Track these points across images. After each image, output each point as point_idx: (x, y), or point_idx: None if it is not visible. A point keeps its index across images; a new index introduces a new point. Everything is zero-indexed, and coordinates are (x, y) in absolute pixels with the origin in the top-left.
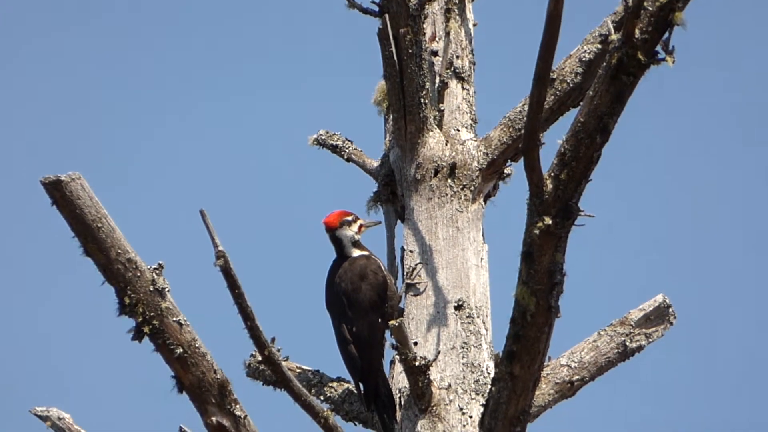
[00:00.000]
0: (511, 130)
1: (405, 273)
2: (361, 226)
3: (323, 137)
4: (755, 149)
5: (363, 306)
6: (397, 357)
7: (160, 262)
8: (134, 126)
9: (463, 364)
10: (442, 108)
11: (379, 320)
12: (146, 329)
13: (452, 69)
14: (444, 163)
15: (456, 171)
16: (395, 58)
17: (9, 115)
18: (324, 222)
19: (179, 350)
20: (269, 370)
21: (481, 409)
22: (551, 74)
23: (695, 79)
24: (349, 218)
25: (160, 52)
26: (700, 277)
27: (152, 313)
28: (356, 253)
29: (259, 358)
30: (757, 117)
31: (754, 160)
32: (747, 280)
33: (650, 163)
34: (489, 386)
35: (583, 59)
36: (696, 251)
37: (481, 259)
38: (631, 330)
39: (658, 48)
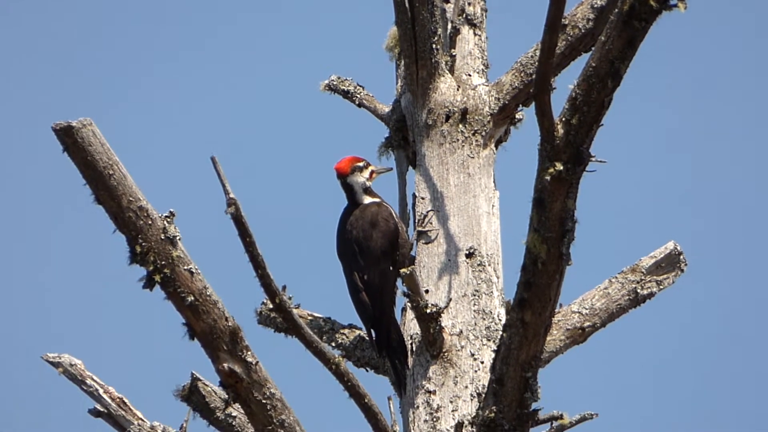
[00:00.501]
0: (522, 75)
1: (416, 220)
2: (372, 172)
3: (335, 83)
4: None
5: (374, 254)
6: (409, 304)
7: (172, 210)
8: (144, 72)
9: (474, 311)
10: (454, 53)
11: (391, 268)
12: (157, 277)
13: (464, 15)
14: (455, 109)
15: (467, 116)
16: (407, 4)
17: (11, 62)
18: (335, 168)
19: (190, 298)
20: (280, 318)
21: (493, 355)
22: (563, 20)
23: (711, 21)
24: (361, 164)
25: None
26: (712, 223)
27: (163, 262)
28: (368, 199)
29: (271, 306)
30: None
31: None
32: (760, 225)
33: (662, 109)
34: (500, 333)
35: (595, 5)
36: (708, 197)
37: (493, 206)
38: (642, 277)
39: None
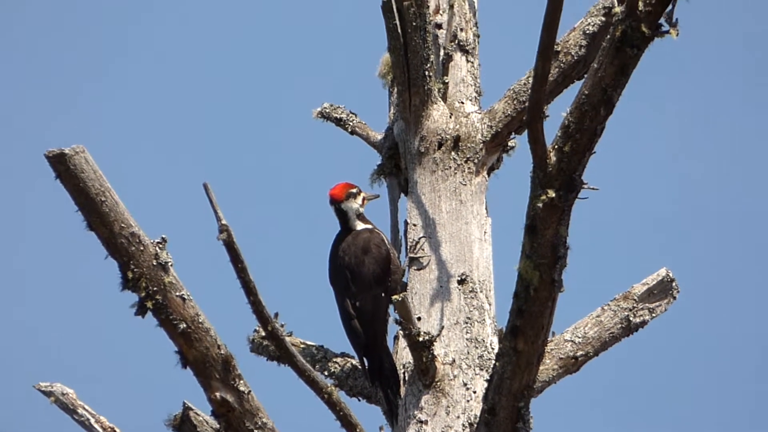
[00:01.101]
0: (515, 102)
1: (408, 247)
2: (364, 198)
3: (327, 110)
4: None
5: (366, 280)
6: (401, 332)
7: (163, 236)
8: (136, 98)
9: (467, 339)
10: (447, 80)
11: (383, 295)
12: (149, 304)
13: (456, 42)
14: (448, 136)
15: (460, 143)
16: (399, 30)
17: None
18: (330, 194)
19: (183, 325)
20: (273, 346)
21: (485, 385)
22: (555, 47)
23: (701, 47)
24: (354, 190)
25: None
26: (703, 250)
27: (155, 288)
28: (360, 226)
29: (263, 334)
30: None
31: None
32: (752, 250)
33: (653, 135)
34: (493, 361)
35: (587, 32)
36: (700, 223)
37: (485, 232)
38: (635, 305)
39: (662, 20)
